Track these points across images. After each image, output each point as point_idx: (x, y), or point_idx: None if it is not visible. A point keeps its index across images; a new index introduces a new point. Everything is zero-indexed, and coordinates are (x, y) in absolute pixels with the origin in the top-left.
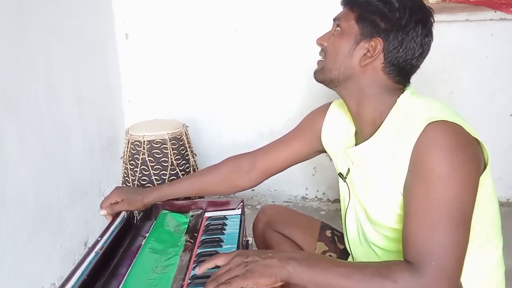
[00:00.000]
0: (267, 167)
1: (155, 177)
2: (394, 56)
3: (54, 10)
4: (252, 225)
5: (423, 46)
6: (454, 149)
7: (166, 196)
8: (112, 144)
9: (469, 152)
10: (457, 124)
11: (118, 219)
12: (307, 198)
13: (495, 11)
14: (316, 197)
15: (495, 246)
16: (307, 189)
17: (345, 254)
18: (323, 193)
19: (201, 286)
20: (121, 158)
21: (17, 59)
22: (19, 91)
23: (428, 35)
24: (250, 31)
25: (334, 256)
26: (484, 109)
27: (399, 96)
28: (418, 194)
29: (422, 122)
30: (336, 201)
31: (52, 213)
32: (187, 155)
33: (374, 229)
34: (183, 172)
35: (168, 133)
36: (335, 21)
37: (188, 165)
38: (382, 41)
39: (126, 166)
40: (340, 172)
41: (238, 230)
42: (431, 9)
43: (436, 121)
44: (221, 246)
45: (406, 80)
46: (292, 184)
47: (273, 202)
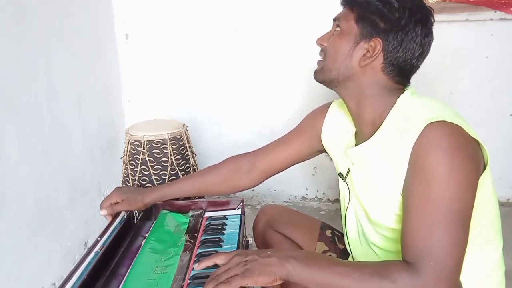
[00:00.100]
0: (267, 167)
1: (155, 177)
2: (394, 56)
3: (54, 10)
4: (252, 225)
5: (423, 46)
6: (453, 149)
7: (166, 196)
8: (112, 144)
9: (468, 152)
10: (457, 125)
11: (118, 219)
12: (307, 198)
13: (495, 11)
14: (316, 197)
15: (495, 246)
16: (307, 189)
17: (345, 254)
18: (323, 193)
19: (201, 286)
20: (121, 158)
21: (17, 59)
22: (19, 91)
23: (428, 35)
24: (250, 31)
25: (334, 256)
26: (484, 109)
27: (399, 96)
28: (417, 194)
29: (422, 122)
30: (336, 201)
31: (52, 213)
32: (187, 155)
33: (374, 229)
34: (183, 172)
35: (168, 133)
36: (335, 21)
37: (188, 165)
38: (382, 41)
39: (126, 166)
40: (340, 172)
41: (238, 230)
42: (431, 9)
43: (436, 122)
44: (221, 246)
45: (406, 80)
46: (292, 184)
47: (273, 202)
